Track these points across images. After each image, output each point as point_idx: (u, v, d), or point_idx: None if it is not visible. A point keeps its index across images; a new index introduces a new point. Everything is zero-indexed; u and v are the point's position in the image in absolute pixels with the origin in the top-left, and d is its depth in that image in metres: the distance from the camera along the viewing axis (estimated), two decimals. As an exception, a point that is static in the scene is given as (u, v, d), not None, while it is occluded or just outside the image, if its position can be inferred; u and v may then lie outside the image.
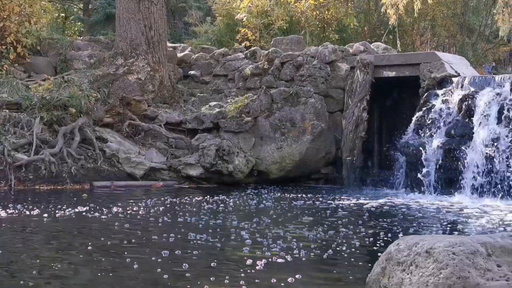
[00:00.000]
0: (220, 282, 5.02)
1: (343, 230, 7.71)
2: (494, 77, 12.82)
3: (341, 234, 7.45)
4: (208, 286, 4.88)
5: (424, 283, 3.57)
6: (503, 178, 11.42)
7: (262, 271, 5.44)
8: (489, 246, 3.63)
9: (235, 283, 4.96)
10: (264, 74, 14.85)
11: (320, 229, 7.74)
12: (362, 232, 7.63)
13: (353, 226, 8.04)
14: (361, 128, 13.69)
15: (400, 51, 17.60)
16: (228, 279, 5.13)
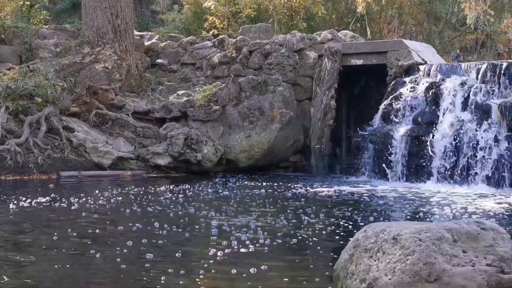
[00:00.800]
0: (177, 273, 4.96)
1: (310, 218, 7.72)
2: (461, 64, 12.93)
3: (308, 222, 7.45)
4: (165, 277, 4.83)
5: (391, 269, 3.58)
6: (468, 165, 11.54)
7: (224, 261, 5.40)
8: (455, 232, 3.65)
9: (193, 275, 4.89)
10: (232, 62, 14.80)
11: (287, 217, 7.73)
12: (330, 220, 7.64)
13: (320, 214, 8.05)
14: (329, 116, 13.73)
15: (370, 39, 17.66)
16: (187, 270, 5.06)
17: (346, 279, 3.86)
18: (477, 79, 12.08)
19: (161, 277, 4.81)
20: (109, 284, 4.78)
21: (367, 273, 3.71)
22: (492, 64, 12.24)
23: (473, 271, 3.46)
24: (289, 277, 4.92)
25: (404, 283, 3.49)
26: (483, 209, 8.64)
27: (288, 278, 4.88)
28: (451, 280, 3.45)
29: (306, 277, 4.88)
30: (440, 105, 12.16)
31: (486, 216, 8.00)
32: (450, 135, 11.77)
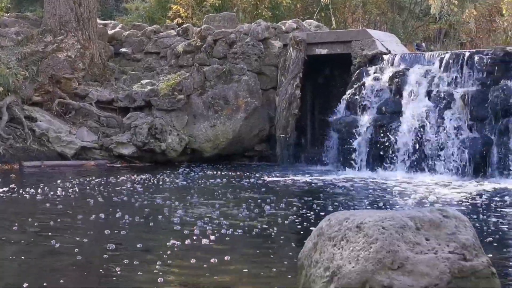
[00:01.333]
0: (136, 264, 4.90)
1: (274, 207, 7.72)
2: (424, 54, 13.03)
3: (272, 212, 7.45)
4: (123, 268, 4.77)
5: (355, 257, 3.59)
6: (432, 153, 11.65)
7: (185, 251, 5.35)
8: (418, 220, 3.66)
9: (152, 265, 4.81)
10: (196, 51, 14.72)
11: (250, 207, 7.72)
12: (294, 209, 7.66)
13: (284, 203, 8.06)
14: (294, 105, 13.75)
15: (334, 29, 17.71)
16: (146, 261, 5.00)
17: (310, 268, 3.85)
18: (440, 69, 12.18)
19: (118, 268, 4.75)
20: (66, 276, 4.70)
21: (331, 261, 3.71)
22: (455, 53, 12.35)
23: (436, 259, 3.48)
24: (252, 267, 4.90)
25: (368, 271, 3.50)
26: (446, 197, 8.74)
27: (251, 268, 4.87)
28: (414, 268, 3.46)
29: (270, 266, 4.87)
30: (404, 95, 12.25)
31: (449, 204, 8.09)
32: (414, 124, 11.87)
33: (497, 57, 11.53)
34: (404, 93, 12.24)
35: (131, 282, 4.50)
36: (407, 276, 3.45)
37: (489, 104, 11.29)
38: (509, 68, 11.47)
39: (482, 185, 10.20)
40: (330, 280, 3.65)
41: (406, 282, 3.43)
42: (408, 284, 3.42)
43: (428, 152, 11.69)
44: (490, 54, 11.66)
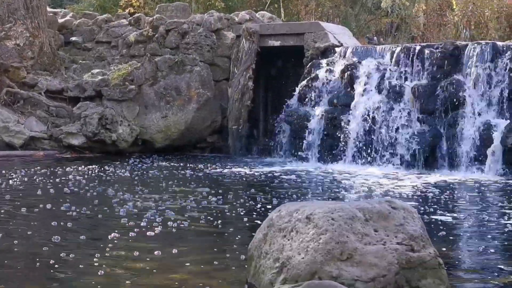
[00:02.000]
0: (77, 256, 4.78)
1: (223, 199, 7.69)
2: (376, 47, 13.14)
3: (221, 203, 7.41)
4: (60, 260, 4.68)
5: (304, 248, 3.60)
6: (382, 146, 11.77)
7: (130, 244, 5.25)
8: (367, 211, 3.69)
9: (92, 259, 4.70)
10: (148, 41, 14.58)
11: (201, 198, 7.68)
12: (243, 200, 7.64)
13: (234, 194, 8.04)
14: (246, 97, 13.74)
15: (284, 20, 17.73)
16: (86, 253, 4.90)
17: (260, 259, 3.85)
18: (391, 62, 12.30)
19: (57, 260, 4.64)
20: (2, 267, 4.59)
21: (281, 252, 3.71)
22: (405, 47, 12.49)
23: (384, 250, 3.51)
24: (199, 260, 4.85)
25: (317, 262, 3.51)
26: (395, 189, 8.83)
27: (198, 261, 4.82)
28: (362, 259, 3.49)
29: (218, 258, 4.84)
30: (355, 87, 12.34)
31: (398, 196, 8.17)
32: (365, 117, 11.97)
33: (447, 51, 11.69)
34: (355, 86, 12.33)
35: (71, 275, 4.41)
36: (356, 267, 3.47)
37: (439, 98, 11.45)
38: (459, 62, 11.64)
39: (431, 177, 10.34)
40: (280, 271, 3.65)
41: (355, 273, 3.45)
42: (357, 275, 3.44)
43: (378, 144, 11.81)
44: (440, 48, 11.81)
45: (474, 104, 11.25)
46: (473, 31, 17.88)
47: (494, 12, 17.78)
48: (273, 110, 14.10)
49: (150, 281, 4.24)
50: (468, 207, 7.76)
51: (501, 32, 17.66)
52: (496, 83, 11.25)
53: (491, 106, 11.25)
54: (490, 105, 11.26)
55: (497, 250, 5.30)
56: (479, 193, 8.96)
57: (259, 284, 3.78)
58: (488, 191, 9.19)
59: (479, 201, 8.11)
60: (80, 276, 4.35)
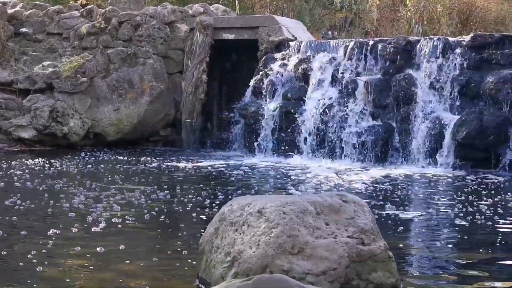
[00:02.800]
0: (13, 252, 4.65)
1: (174, 193, 7.63)
2: (329, 42, 13.20)
3: (173, 197, 7.35)
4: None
5: (256, 242, 3.58)
6: (335, 139, 11.83)
7: (75, 239, 5.11)
8: (318, 205, 3.68)
9: (32, 254, 4.53)
10: (101, 33, 14.39)
11: (150, 192, 7.57)
12: (195, 194, 7.56)
13: (186, 189, 7.98)
14: (200, 90, 13.67)
15: (238, 14, 17.69)
16: (27, 248, 4.72)
17: (211, 253, 3.82)
18: (345, 57, 12.37)
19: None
20: None
21: (232, 247, 3.68)
22: (359, 42, 12.57)
23: (335, 243, 3.50)
24: (148, 255, 4.77)
25: (268, 256, 3.49)
26: (347, 183, 8.87)
27: (146, 256, 4.74)
28: (313, 252, 3.48)
29: (167, 253, 4.78)
30: (309, 81, 12.38)
31: (350, 189, 8.22)
32: (318, 111, 12.01)
33: (400, 46, 11.80)
34: (309, 80, 12.37)
35: (8, 271, 4.29)
36: (307, 260, 3.46)
37: (392, 92, 11.55)
38: (411, 57, 11.76)
39: (383, 171, 10.43)
40: (231, 265, 3.63)
41: (306, 266, 3.44)
42: (307, 269, 3.43)
43: (331, 138, 11.86)
44: (393, 43, 11.92)
45: (426, 99, 11.38)
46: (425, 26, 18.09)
47: (446, 8, 18.01)
48: (227, 104, 14.06)
49: (94, 276, 4.16)
50: (419, 200, 7.85)
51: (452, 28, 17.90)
52: (448, 78, 11.40)
53: (443, 101, 11.39)
54: (441, 100, 11.40)
55: (448, 243, 5.36)
56: (430, 187, 9.06)
57: (210, 278, 3.75)
58: (439, 185, 9.31)
59: (430, 195, 8.20)
60: (18, 273, 4.21)
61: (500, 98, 10.74)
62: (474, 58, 11.26)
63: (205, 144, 13.97)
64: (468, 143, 10.65)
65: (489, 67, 11.14)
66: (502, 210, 6.86)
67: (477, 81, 11.07)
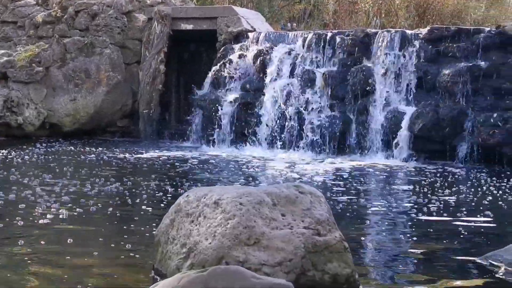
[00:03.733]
0: None
1: (133, 184, 7.56)
2: (288, 33, 13.21)
3: (127, 188, 7.26)
4: None
5: (212, 233, 3.56)
6: (293, 131, 11.86)
7: (23, 233, 4.96)
8: (275, 196, 3.67)
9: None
10: (57, 22, 14.18)
11: (109, 183, 7.48)
12: (151, 185, 7.51)
13: (144, 179, 7.92)
14: (158, 81, 13.58)
15: (197, 4, 17.61)
16: None
17: (167, 244, 3.79)
18: (303, 48, 12.40)
19: None
20: None
21: (188, 238, 3.66)
22: (317, 33, 12.62)
23: (291, 234, 3.50)
24: (103, 246, 4.70)
25: (224, 247, 3.47)
26: (304, 174, 8.90)
27: (102, 247, 4.68)
28: (269, 243, 3.47)
29: (123, 244, 4.71)
30: (268, 73, 12.38)
31: (307, 180, 8.24)
32: (277, 102, 12.03)
33: (358, 38, 11.87)
34: (267, 71, 12.37)
35: None
36: (263, 251, 3.45)
37: (349, 84, 11.61)
38: (369, 49, 11.84)
39: (340, 163, 10.49)
40: (187, 256, 3.61)
41: (262, 257, 3.43)
42: (263, 260, 3.42)
43: (290, 130, 11.89)
44: (351, 35, 11.99)
45: (383, 91, 11.48)
46: (383, 19, 18.24)
47: (404, 1, 18.18)
48: (185, 94, 13.99)
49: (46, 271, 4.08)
50: (376, 192, 7.91)
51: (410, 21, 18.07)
52: (405, 71, 11.51)
53: (400, 93, 11.51)
54: (398, 92, 11.51)
55: (403, 234, 5.41)
56: (387, 178, 9.15)
57: (166, 269, 3.72)
58: (395, 176, 9.40)
59: (387, 186, 8.27)
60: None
61: (455, 90, 10.89)
62: (430, 51, 11.38)
63: (163, 134, 13.88)
64: (424, 135, 10.77)
65: (445, 60, 11.28)
66: (457, 202, 6.95)
67: (433, 73, 11.20)
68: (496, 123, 10.47)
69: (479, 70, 10.89)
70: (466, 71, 10.87)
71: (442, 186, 8.07)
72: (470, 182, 8.52)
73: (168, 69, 13.87)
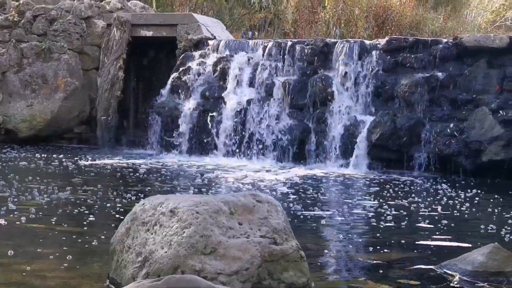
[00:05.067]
0: None
1: (89, 191, 7.46)
2: (248, 41, 13.23)
3: (87, 196, 7.17)
4: None
5: (168, 242, 3.53)
6: (253, 139, 11.87)
7: None
8: (232, 204, 3.66)
9: None
10: (14, 27, 13.97)
11: (64, 191, 7.37)
12: (107, 193, 7.42)
13: (101, 187, 7.82)
14: (116, 87, 13.48)
15: (157, 11, 17.54)
16: None
17: (122, 253, 3.75)
18: (263, 57, 12.43)
19: None
20: None
21: (144, 247, 3.63)
22: (277, 42, 12.65)
23: (248, 243, 3.49)
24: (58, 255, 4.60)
25: (180, 256, 3.45)
26: (263, 183, 8.90)
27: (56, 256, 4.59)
28: (226, 252, 3.46)
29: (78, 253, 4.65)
30: (227, 81, 12.37)
31: (265, 189, 8.24)
32: (237, 111, 12.02)
33: (317, 48, 11.94)
34: (227, 79, 12.37)
35: None
36: (219, 260, 3.44)
37: (308, 93, 11.66)
38: (328, 58, 11.91)
39: (299, 171, 10.52)
40: (142, 265, 3.58)
41: (218, 266, 3.41)
42: (220, 269, 3.40)
43: (249, 138, 11.89)
44: (311, 45, 12.05)
45: (342, 100, 11.55)
46: (343, 29, 18.35)
47: (363, 11, 18.32)
48: (144, 101, 13.91)
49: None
50: (333, 201, 7.94)
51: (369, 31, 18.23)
52: (363, 80, 11.60)
53: (358, 103, 11.60)
54: (357, 101, 11.60)
55: (360, 243, 5.43)
56: (344, 187, 9.19)
57: (121, 278, 3.68)
58: (353, 185, 9.45)
59: (344, 195, 8.31)
60: None
61: (413, 100, 11.01)
62: (389, 61, 11.51)
63: (121, 142, 13.75)
64: (382, 144, 10.87)
65: (403, 70, 11.41)
66: (413, 211, 7.01)
67: (391, 83, 11.32)
68: (453, 133, 10.61)
69: (436, 80, 11.04)
70: (423, 82, 11.01)
71: (399, 195, 8.14)
72: (427, 192, 8.61)
73: (127, 76, 13.78)
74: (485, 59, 10.96)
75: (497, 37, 11.18)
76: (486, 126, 10.44)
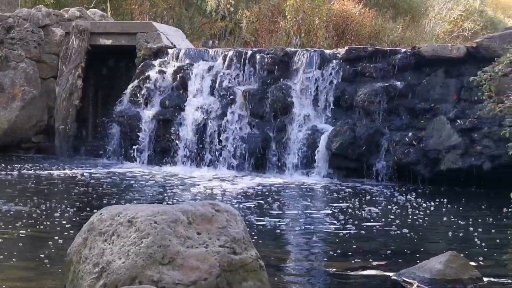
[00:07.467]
0: None
1: (47, 201, 7.34)
2: (208, 50, 13.19)
3: (45, 206, 7.06)
4: None
5: (125, 252, 3.49)
6: (213, 148, 11.82)
7: None
8: (190, 214, 3.64)
9: None
10: (-30, 34, 13.74)
11: (21, 201, 7.25)
12: (68, 203, 7.33)
13: (59, 197, 7.72)
14: (75, 96, 13.32)
15: (116, 19, 17.41)
16: None
17: (79, 264, 3.70)
18: (224, 65, 12.40)
19: None
20: None
21: (101, 257, 3.58)
22: (237, 51, 12.64)
23: (206, 253, 3.47)
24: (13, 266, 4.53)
25: (138, 266, 3.41)
26: (223, 192, 8.87)
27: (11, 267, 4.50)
28: (184, 262, 3.43)
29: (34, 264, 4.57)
30: (188, 89, 12.32)
31: (225, 198, 8.20)
32: (197, 119, 11.97)
33: (277, 57, 11.95)
34: (188, 88, 12.32)
35: None
36: (178, 270, 3.41)
37: (268, 102, 11.67)
38: (289, 68, 11.93)
39: (259, 180, 10.50)
40: (99, 276, 3.53)
41: (176, 276, 3.38)
42: (178, 279, 3.37)
43: (209, 147, 11.85)
44: (271, 54, 12.06)
45: (302, 109, 11.58)
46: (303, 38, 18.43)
47: (324, 21, 18.43)
48: (103, 110, 13.76)
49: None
50: (293, 210, 7.94)
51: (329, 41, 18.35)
52: (323, 89, 11.65)
53: (318, 112, 11.64)
54: (317, 110, 11.64)
55: (320, 251, 5.43)
56: (304, 196, 9.20)
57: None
58: (313, 194, 9.47)
59: (305, 204, 8.32)
60: None
61: (372, 110, 11.09)
62: (348, 70, 11.57)
63: (79, 151, 13.58)
64: (341, 153, 10.91)
65: (363, 79, 11.48)
66: (372, 219, 7.04)
67: (351, 93, 11.38)
68: (411, 142, 10.70)
69: (395, 90, 11.13)
70: (382, 91, 11.10)
71: (359, 203, 8.17)
72: (386, 200, 8.66)
73: (86, 85, 13.63)
74: (443, 68, 11.09)
75: (454, 47, 11.32)
76: (444, 135, 10.56)
